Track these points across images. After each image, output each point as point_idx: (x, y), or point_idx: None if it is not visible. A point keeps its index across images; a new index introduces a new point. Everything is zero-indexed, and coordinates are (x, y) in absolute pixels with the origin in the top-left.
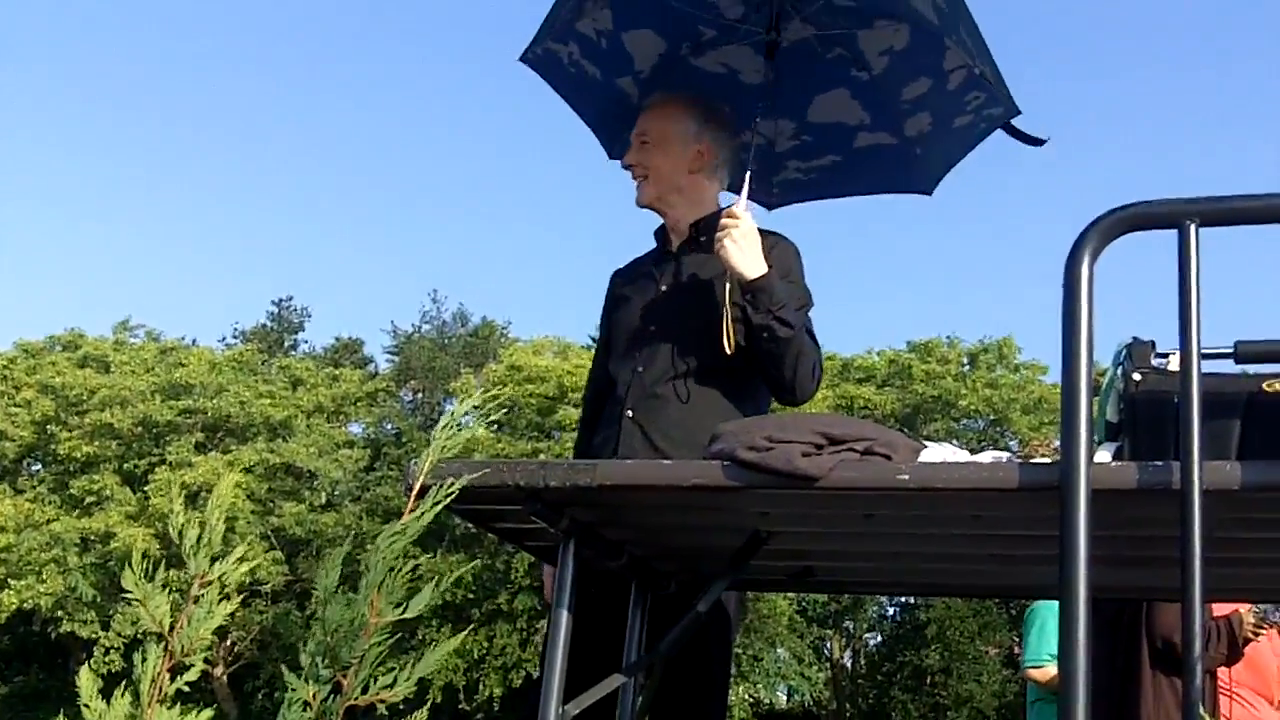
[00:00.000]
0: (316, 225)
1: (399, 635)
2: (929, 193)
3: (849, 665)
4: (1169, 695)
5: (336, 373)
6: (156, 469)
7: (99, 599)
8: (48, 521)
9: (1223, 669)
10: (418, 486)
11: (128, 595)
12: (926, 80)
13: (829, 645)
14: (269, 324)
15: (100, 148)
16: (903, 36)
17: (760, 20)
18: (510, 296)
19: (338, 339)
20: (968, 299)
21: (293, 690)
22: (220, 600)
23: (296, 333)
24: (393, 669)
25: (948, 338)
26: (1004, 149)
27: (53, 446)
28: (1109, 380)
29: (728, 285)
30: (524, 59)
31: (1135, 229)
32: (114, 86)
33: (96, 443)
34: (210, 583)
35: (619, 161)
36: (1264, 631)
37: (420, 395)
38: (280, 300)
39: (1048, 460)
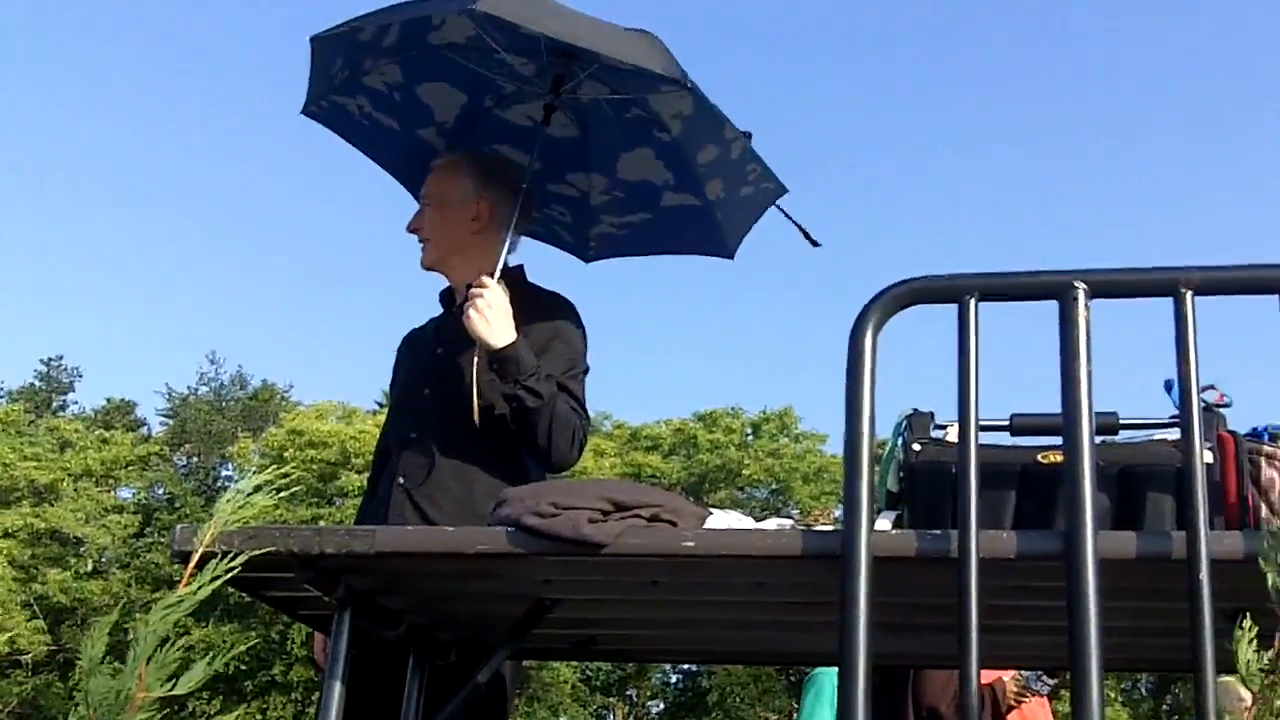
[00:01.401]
0: (89, 282)
1: (169, 707)
2: (731, 256)
3: None
4: None
5: (107, 435)
6: None
7: None
8: None
9: None
10: (196, 557)
11: None
12: (714, 147)
13: (612, 714)
14: (37, 383)
15: None
16: (688, 103)
17: (544, 83)
18: (292, 359)
19: (109, 400)
20: (751, 370)
21: None
22: None
23: (66, 393)
24: None
25: (731, 408)
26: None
27: None
28: (889, 450)
29: (475, 356)
30: (307, 113)
31: (917, 302)
32: None
33: None
34: None
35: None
36: (1026, 699)
37: (195, 459)
38: (49, 359)
39: (829, 528)
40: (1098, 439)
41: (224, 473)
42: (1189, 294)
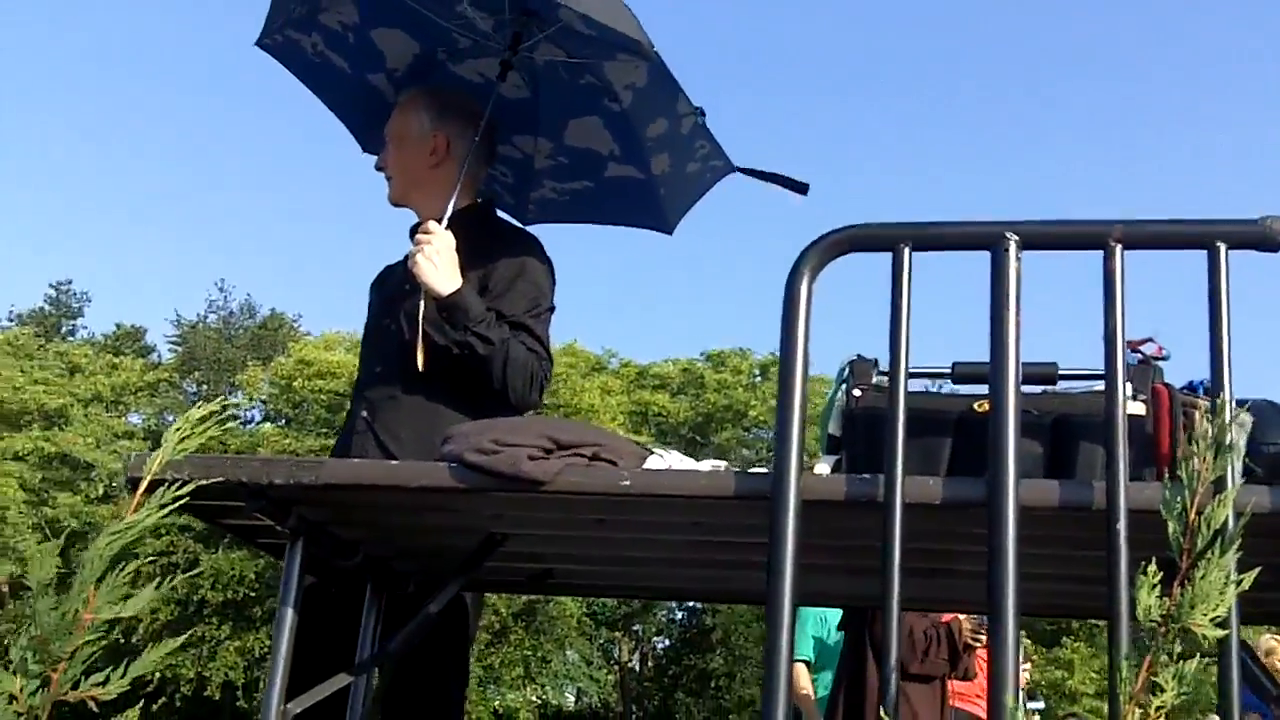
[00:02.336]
0: (99, 207)
1: (186, 631)
2: (670, 232)
3: (636, 668)
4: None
5: (116, 361)
6: None
7: None
8: None
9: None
10: (144, 484)
11: None
12: (664, 121)
13: (617, 648)
14: (46, 307)
15: None
16: (642, 74)
17: (502, 39)
18: (301, 289)
19: (119, 326)
20: (765, 311)
21: None
22: None
23: (75, 318)
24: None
25: (740, 349)
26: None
27: None
28: (831, 395)
29: (422, 302)
30: (260, 44)
31: (852, 250)
32: None
33: None
34: None
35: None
36: (983, 637)
37: (205, 387)
38: (59, 283)
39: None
40: (1036, 389)
41: (234, 400)
42: (1118, 247)
